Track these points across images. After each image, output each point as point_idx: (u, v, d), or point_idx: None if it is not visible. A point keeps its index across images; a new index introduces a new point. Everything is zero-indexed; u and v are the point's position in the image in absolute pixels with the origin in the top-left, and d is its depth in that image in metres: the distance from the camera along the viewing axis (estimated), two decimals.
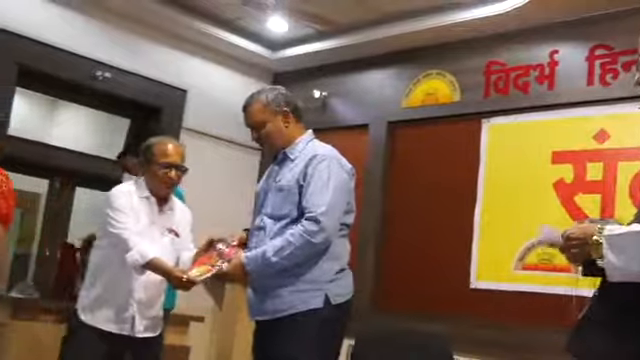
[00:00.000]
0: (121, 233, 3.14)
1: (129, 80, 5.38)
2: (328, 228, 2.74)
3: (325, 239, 2.74)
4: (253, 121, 2.97)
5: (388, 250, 5.25)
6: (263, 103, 2.95)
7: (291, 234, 2.74)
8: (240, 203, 5.91)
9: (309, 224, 2.73)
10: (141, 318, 3.25)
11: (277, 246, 2.74)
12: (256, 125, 2.97)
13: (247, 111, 2.99)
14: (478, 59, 4.97)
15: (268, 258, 2.75)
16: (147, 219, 3.26)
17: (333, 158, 2.87)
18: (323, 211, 2.73)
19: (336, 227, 2.79)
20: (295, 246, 2.72)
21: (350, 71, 5.70)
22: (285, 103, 2.97)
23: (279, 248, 2.74)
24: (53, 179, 5.58)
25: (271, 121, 2.94)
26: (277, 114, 2.94)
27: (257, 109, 2.96)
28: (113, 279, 3.22)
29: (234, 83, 5.97)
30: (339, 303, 2.80)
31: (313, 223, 2.72)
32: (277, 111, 2.95)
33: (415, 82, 5.29)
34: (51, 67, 5.03)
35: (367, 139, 5.46)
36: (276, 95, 2.98)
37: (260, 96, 2.97)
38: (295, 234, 2.73)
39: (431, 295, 4.87)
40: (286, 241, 2.73)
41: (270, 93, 2.98)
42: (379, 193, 5.30)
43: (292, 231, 2.74)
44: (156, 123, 5.53)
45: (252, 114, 2.97)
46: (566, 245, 2.00)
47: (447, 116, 5.10)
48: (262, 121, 2.95)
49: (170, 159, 3.29)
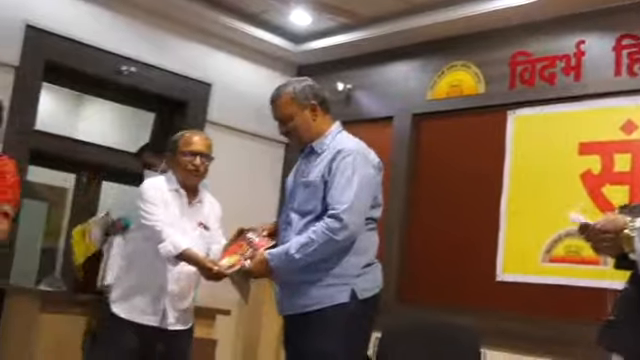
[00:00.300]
0: (154, 225, 3.19)
1: (154, 74, 5.41)
2: (351, 225, 2.72)
3: (348, 236, 2.73)
4: (280, 114, 2.96)
5: (413, 243, 5.24)
6: (290, 96, 2.93)
7: (314, 231, 2.73)
8: (265, 196, 5.95)
9: (332, 221, 2.72)
10: (172, 310, 3.29)
11: (300, 243, 2.74)
12: (283, 118, 2.95)
13: (274, 104, 2.97)
14: (503, 50, 4.93)
15: (291, 255, 2.75)
16: (178, 212, 3.30)
17: (358, 153, 2.84)
18: (346, 208, 2.72)
19: (360, 223, 2.77)
20: (318, 243, 2.72)
21: (374, 63, 5.68)
22: (313, 95, 2.94)
23: (302, 245, 2.74)
24: (80, 173, 5.64)
25: (298, 114, 2.92)
26: (304, 107, 2.92)
27: (284, 102, 2.94)
28: (145, 271, 3.26)
29: (258, 76, 5.98)
30: (366, 297, 2.79)
31: (335, 220, 2.71)
32: (304, 104, 2.92)
33: (440, 74, 5.27)
34: (77, 62, 5.07)
35: (392, 132, 5.45)
36: (303, 87, 2.95)
37: (287, 89, 2.95)
38: (318, 231, 2.72)
39: (457, 288, 4.86)
40: (309, 238, 2.73)
41: (297, 85, 2.95)
42: (404, 186, 5.29)
43: (315, 228, 2.74)
44: (181, 117, 5.56)
45: (279, 107, 2.95)
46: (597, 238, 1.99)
47: (472, 108, 5.07)
48: (289, 114, 2.93)
49: (194, 147, 3.35)
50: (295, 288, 2.83)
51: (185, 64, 5.58)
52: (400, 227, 5.23)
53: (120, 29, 5.25)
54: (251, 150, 5.96)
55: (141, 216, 3.25)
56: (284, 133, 3.00)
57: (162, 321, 3.27)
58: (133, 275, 3.29)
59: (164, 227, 3.19)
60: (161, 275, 3.26)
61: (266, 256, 2.82)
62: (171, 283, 3.28)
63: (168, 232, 3.18)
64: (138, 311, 3.25)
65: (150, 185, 3.34)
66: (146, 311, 3.25)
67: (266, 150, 6.05)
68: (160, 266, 3.23)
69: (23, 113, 4.79)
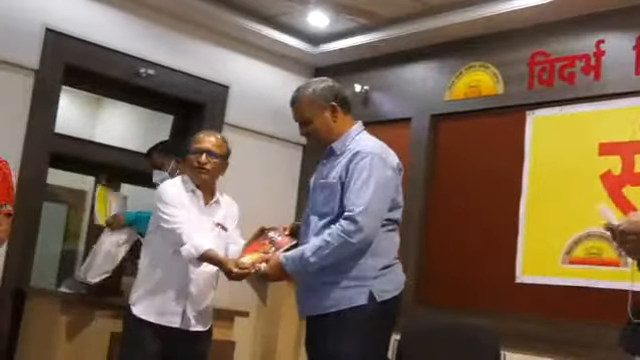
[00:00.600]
0: (174, 228, 3.22)
1: (172, 77, 5.44)
2: (366, 227, 2.71)
3: (363, 239, 2.73)
4: (301, 116, 2.96)
5: (432, 244, 5.23)
6: (310, 98, 2.93)
7: (329, 234, 2.74)
8: (282, 198, 5.96)
9: (347, 224, 2.72)
10: (192, 311, 3.31)
11: (315, 246, 2.75)
12: (304, 120, 2.96)
13: (294, 106, 2.98)
14: (522, 50, 4.91)
15: (307, 258, 2.76)
16: (196, 212, 3.32)
17: (375, 154, 2.83)
18: (361, 210, 2.71)
19: (375, 226, 2.76)
20: (333, 246, 2.72)
21: (392, 64, 5.68)
22: (333, 96, 2.94)
23: (317, 248, 2.74)
24: (99, 176, 5.67)
25: (318, 116, 2.92)
26: (324, 109, 2.92)
27: (304, 104, 2.94)
28: (165, 272, 3.29)
29: (276, 78, 6.00)
30: (385, 299, 2.79)
31: (351, 223, 2.71)
32: (324, 105, 2.92)
33: (458, 74, 5.26)
34: (96, 65, 5.11)
35: (409, 133, 5.44)
36: (323, 88, 2.95)
37: (307, 91, 2.95)
38: (333, 234, 2.72)
39: (476, 289, 4.85)
40: (324, 241, 2.73)
41: (317, 87, 2.95)
42: (422, 187, 5.29)
43: (330, 231, 2.74)
44: (199, 119, 5.59)
45: (299, 110, 2.96)
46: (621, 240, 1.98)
47: (490, 109, 5.05)
48: (310, 116, 2.93)
49: (200, 144, 3.38)
50: (314, 290, 2.83)
51: (203, 66, 5.61)
52: (418, 228, 5.22)
53: (138, 32, 5.29)
54: (269, 152, 5.98)
55: (160, 218, 3.27)
56: (305, 134, 3.01)
57: (183, 322, 3.30)
58: (153, 276, 3.32)
59: (184, 229, 3.21)
60: (181, 276, 3.28)
61: (281, 259, 2.82)
62: (191, 284, 3.30)
63: (189, 234, 3.20)
64: (159, 312, 3.28)
65: (168, 187, 3.37)
66: (166, 312, 3.28)
67: (284, 152, 6.07)
68: (180, 267, 3.26)
69: (43, 116, 4.84)
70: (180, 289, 3.28)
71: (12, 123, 4.72)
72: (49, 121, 4.90)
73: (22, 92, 4.76)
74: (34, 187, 4.77)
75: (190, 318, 3.32)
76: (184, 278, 3.29)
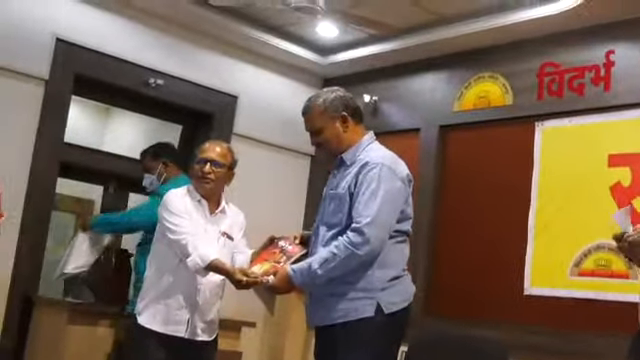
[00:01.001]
0: (179, 239, 3.21)
1: (181, 87, 5.47)
2: (373, 239, 2.71)
3: (370, 250, 2.72)
4: (311, 127, 2.98)
5: (440, 256, 5.23)
6: (321, 108, 2.94)
7: (336, 246, 2.73)
8: (290, 208, 5.97)
9: (354, 235, 2.72)
10: (198, 321, 3.31)
11: (322, 258, 2.75)
12: (314, 131, 2.97)
13: (305, 116, 2.99)
14: (531, 61, 4.92)
15: (314, 271, 2.75)
16: (200, 223, 3.33)
17: (384, 165, 2.82)
18: (368, 222, 2.71)
19: (383, 238, 2.75)
20: (340, 258, 2.72)
21: (401, 75, 5.69)
22: (344, 106, 2.95)
23: (324, 260, 2.74)
24: (107, 185, 5.70)
25: (329, 126, 2.93)
26: (335, 119, 2.93)
27: (315, 115, 2.95)
28: (170, 281, 3.29)
29: (284, 89, 6.02)
30: (393, 311, 2.78)
31: (357, 234, 2.71)
32: (335, 116, 2.93)
33: (467, 85, 5.27)
34: (105, 75, 5.15)
35: (418, 143, 5.45)
36: (334, 99, 2.96)
37: (318, 101, 2.96)
38: (340, 246, 2.72)
39: (484, 301, 4.84)
40: (331, 253, 2.73)
41: (328, 97, 2.96)
42: (431, 197, 5.29)
43: (337, 243, 2.74)
44: (207, 129, 5.61)
45: (310, 119, 2.97)
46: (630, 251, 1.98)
47: (499, 119, 5.05)
48: (320, 127, 2.94)
49: (204, 154, 3.38)
50: (322, 300, 2.84)
51: (211, 76, 5.63)
52: (427, 240, 5.22)
53: (147, 42, 5.33)
54: (277, 162, 5.99)
55: (166, 228, 3.28)
56: (315, 144, 3.02)
57: (188, 332, 3.30)
58: (159, 285, 3.32)
59: (189, 239, 3.21)
60: (187, 285, 3.29)
61: (289, 272, 2.82)
62: (197, 293, 3.31)
63: (194, 244, 3.20)
64: (164, 321, 3.28)
65: (174, 195, 3.37)
66: (171, 321, 3.28)
67: (292, 162, 6.08)
68: (186, 276, 3.26)
69: (53, 126, 4.87)
70: (186, 298, 3.29)
71: (22, 133, 4.76)
72: (59, 131, 4.93)
73: (32, 102, 4.80)
74: (44, 197, 4.79)
75: (196, 327, 3.32)
76: (190, 287, 3.29)
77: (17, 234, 4.66)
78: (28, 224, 4.69)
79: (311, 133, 3.00)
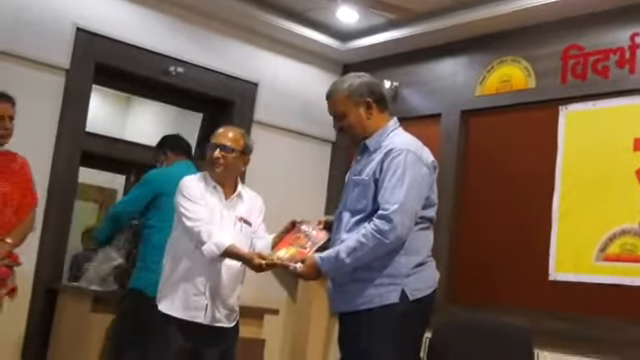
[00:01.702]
0: (194, 226, 3.23)
1: (201, 75, 5.48)
2: (400, 226, 2.71)
3: (397, 237, 2.73)
4: (335, 111, 2.98)
5: (463, 242, 5.21)
6: (345, 93, 2.94)
7: (363, 235, 2.74)
8: (311, 195, 5.97)
9: (381, 223, 2.72)
10: (216, 307, 3.32)
11: (350, 247, 2.75)
12: (338, 115, 2.97)
13: (330, 100, 2.99)
14: (554, 44, 4.86)
15: (342, 260, 2.76)
16: (216, 208, 3.33)
17: (410, 151, 2.82)
18: (396, 209, 2.71)
19: (410, 225, 2.76)
20: (368, 247, 2.72)
21: (422, 60, 5.66)
22: (368, 92, 2.95)
23: (352, 249, 2.74)
24: (129, 174, 5.73)
25: (353, 112, 2.93)
26: (359, 105, 2.93)
27: (339, 99, 2.95)
28: (188, 267, 3.30)
29: (304, 75, 6.01)
30: (418, 298, 2.79)
31: (385, 222, 2.71)
32: (359, 102, 2.93)
33: (489, 69, 5.22)
34: (126, 64, 5.16)
35: (439, 129, 5.42)
36: (360, 84, 2.95)
37: (343, 85, 2.96)
38: (367, 234, 2.73)
39: (508, 288, 4.82)
40: (358, 242, 2.74)
41: (354, 82, 2.96)
42: (453, 183, 5.26)
43: (364, 231, 2.74)
44: (228, 117, 5.61)
45: (334, 104, 2.97)
46: None
47: (523, 103, 5.01)
48: (344, 111, 2.94)
49: (214, 140, 3.38)
50: (346, 287, 2.84)
51: (231, 64, 5.63)
52: (449, 226, 5.20)
53: (167, 30, 5.33)
54: (298, 149, 5.99)
55: (181, 214, 3.29)
56: (338, 129, 3.02)
57: (207, 318, 3.31)
58: (176, 271, 3.32)
59: (202, 227, 3.22)
60: (205, 270, 3.29)
61: (317, 260, 2.82)
62: (216, 278, 3.31)
63: (209, 232, 3.21)
64: (183, 307, 3.29)
65: (189, 181, 3.38)
66: (190, 307, 3.29)
67: (313, 149, 6.08)
68: (203, 261, 3.26)
69: (74, 115, 4.90)
70: (204, 284, 3.29)
71: (44, 122, 4.79)
72: (80, 120, 4.96)
73: (53, 91, 4.82)
74: (66, 186, 4.83)
75: (215, 313, 3.32)
76: (208, 272, 3.29)
77: (40, 224, 4.69)
78: (51, 214, 4.73)
79: (334, 117, 3.00)
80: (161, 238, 3.69)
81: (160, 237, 3.80)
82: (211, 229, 3.23)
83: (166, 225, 3.59)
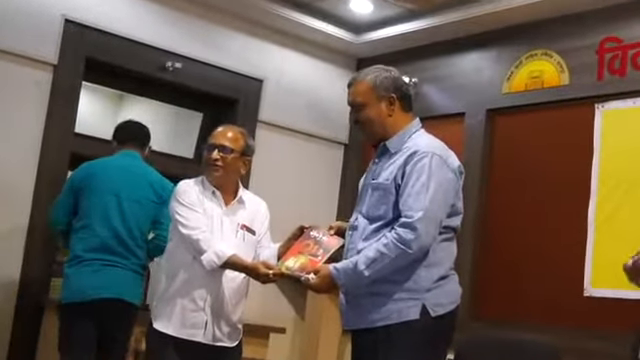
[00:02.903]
0: (191, 234, 3.23)
1: (201, 71, 5.49)
2: (425, 235, 2.72)
3: (421, 247, 2.73)
4: (354, 100, 2.99)
5: (488, 253, 5.20)
6: (370, 84, 2.95)
7: (384, 245, 2.73)
8: (322, 202, 5.97)
9: (404, 232, 2.72)
10: (217, 324, 3.31)
11: (369, 258, 2.75)
12: (357, 105, 2.98)
13: (351, 88, 3.01)
14: (590, 36, 4.85)
15: (360, 272, 2.75)
16: (215, 215, 3.33)
17: (435, 155, 2.83)
18: (420, 217, 2.71)
19: (435, 234, 2.76)
20: (390, 258, 2.72)
21: (443, 54, 5.66)
22: (394, 88, 2.97)
23: (372, 260, 2.74)
24: None
25: (374, 105, 2.94)
26: (382, 99, 2.94)
27: (362, 89, 2.96)
28: (185, 280, 3.29)
29: (314, 71, 6.02)
30: (440, 314, 2.78)
31: (409, 231, 2.71)
32: (383, 96, 2.94)
33: (517, 64, 5.22)
34: (118, 59, 5.19)
35: (463, 129, 5.42)
36: (386, 78, 2.98)
37: (368, 76, 2.98)
38: (389, 244, 2.72)
39: (539, 303, 4.80)
40: (379, 253, 2.73)
41: (381, 75, 2.98)
42: (477, 189, 5.26)
43: (385, 240, 2.74)
44: (230, 117, 5.62)
45: (355, 93, 2.98)
46: None
47: (555, 101, 5.01)
48: (364, 103, 2.95)
49: (212, 140, 3.39)
50: (360, 301, 2.83)
51: (235, 59, 5.65)
52: (473, 236, 5.19)
53: (164, 22, 5.35)
54: (307, 152, 6.00)
55: (177, 221, 3.29)
56: (355, 121, 3.03)
57: (207, 336, 3.30)
58: (173, 286, 3.32)
59: (200, 235, 3.22)
60: (204, 283, 3.28)
61: (332, 271, 2.81)
62: (216, 292, 3.31)
63: (207, 240, 3.21)
64: (180, 324, 3.29)
65: (186, 186, 3.37)
66: (188, 324, 3.28)
67: (324, 152, 6.08)
68: (202, 274, 3.26)
69: (62, 115, 4.92)
70: (203, 298, 3.28)
71: (29, 123, 4.81)
72: (69, 120, 4.98)
73: (40, 89, 4.85)
74: (54, 191, 4.81)
75: (216, 331, 3.32)
76: (208, 286, 3.29)
77: (25, 233, 4.71)
78: (37, 220, 4.74)
79: (353, 107, 3.01)
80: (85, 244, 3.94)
81: (83, 245, 3.99)
82: (210, 237, 3.23)
83: (90, 227, 3.92)
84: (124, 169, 4.18)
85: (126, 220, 4.08)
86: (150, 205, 4.15)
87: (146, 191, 4.15)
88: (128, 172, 4.17)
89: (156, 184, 4.21)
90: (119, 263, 4.03)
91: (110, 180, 4.12)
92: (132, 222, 4.09)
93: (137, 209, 4.12)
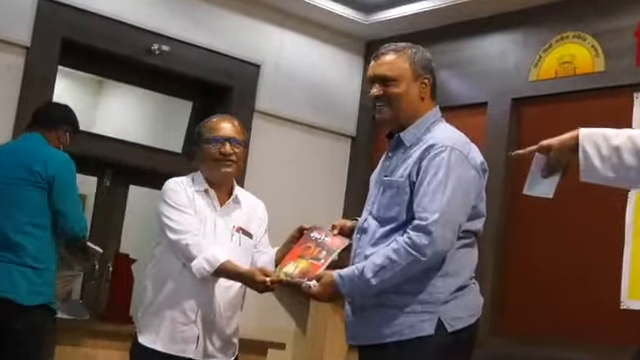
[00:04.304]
0: (180, 239, 3.24)
1: (191, 54, 5.51)
2: (441, 240, 2.70)
3: (436, 254, 2.72)
4: (384, 73, 2.93)
5: (512, 259, 5.21)
6: (410, 58, 2.93)
7: (394, 250, 2.72)
8: (325, 201, 5.98)
9: (417, 236, 2.71)
10: (210, 338, 3.33)
11: (377, 265, 2.74)
12: (387, 78, 2.92)
13: (384, 58, 2.95)
14: (627, 17, 4.86)
15: (367, 280, 2.75)
16: (208, 217, 3.34)
17: (455, 149, 2.81)
18: (435, 219, 2.70)
19: (452, 239, 2.75)
20: (401, 266, 2.71)
21: (463, 37, 5.68)
22: (430, 70, 2.96)
23: (380, 268, 2.73)
24: (102, 176, 5.75)
25: (408, 83, 2.91)
26: (418, 78, 2.93)
27: (399, 60, 2.93)
28: (174, 291, 3.30)
29: (318, 55, 6.03)
30: (457, 329, 2.78)
31: (422, 235, 2.70)
32: (420, 75, 2.93)
33: (546, 48, 5.23)
34: (98, 40, 5.20)
35: (485, 121, 5.43)
36: (425, 57, 2.97)
37: (409, 49, 2.95)
38: (400, 250, 2.71)
39: (569, 317, 4.81)
40: (388, 259, 2.73)
41: (422, 53, 2.97)
42: (501, 188, 5.25)
43: (396, 246, 2.73)
44: (224, 106, 5.64)
45: (390, 64, 2.93)
46: None
47: (588, 90, 5.01)
48: (398, 77, 2.91)
49: (219, 132, 3.38)
50: (369, 313, 2.83)
51: (229, 41, 5.66)
52: (496, 241, 5.20)
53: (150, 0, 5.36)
54: (309, 145, 6.01)
55: (164, 225, 3.29)
56: (377, 97, 2.95)
57: (198, 351, 3.31)
58: (160, 296, 3.32)
59: (191, 240, 3.23)
60: (195, 294, 3.29)
61: (336, 278, 2.81)
62: (208, 304, 3.32)
63: (198, 245, 3.22)
64: (169, 339, 3.29)
65: (174, 184, 3.37)
66: (178, 339, 3.29)
67: (328, 145, 6.09)
68: (193, 283, 3.26)
69: (36, 103, 4.91)
70: (194, 310, 3.29)
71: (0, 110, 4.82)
72: None
73: (11, 74, 4.86)
74: None
75: (207, 347, 3.33)
76: (198, 296, 3.30)
77: None
78: None
79: (381, 80, 2.94)
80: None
81: None
82: (202, 242, 3.24)
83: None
84: (6, 152, 4.18)
85: (4, 205, 4.04)
86: (26, 187, 4.07)
87: (19, 171, 4.08)
88: (6, 154, 4.17)
89: (36, 163, 4.09)
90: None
91: None
92: (11, 207, 4.04)
93: (15, 191, 4.06)
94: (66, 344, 4.44)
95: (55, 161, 4.11)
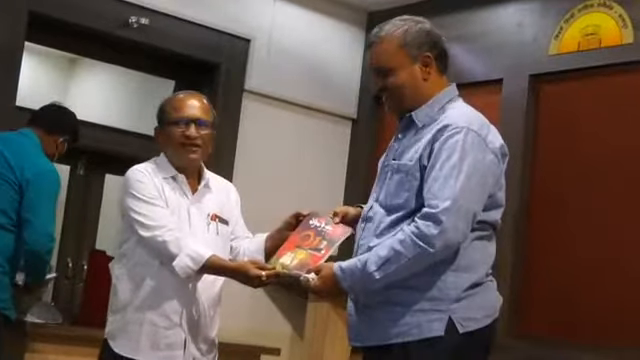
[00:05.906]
0: (155, 236, 3.21)
1: (173, 28, 5.50)
2: (452, 230, 2.70)
3: (447, 246, 2.72)
4: (379, 64, 2.96)
5: (531, 253, 5.22)
6: (399, 42, 2.92)
7: (401, 241, 2.73)
8: (324, 187, 5.98)
9: (426, 226, 2.71)
10: (195, 341, 3.33)
11: (382, 257, 2.75)
12: (383, 70, 2.95)
13: (375, 48, 2.97)
14: None
15: (370, 273, 2.76)
16: (181, 206, 3.33)
17: (471, 131, 2.80)
18: (447, 207, 2.70)
19: (465, 230, 2.75)
20: (407, 259, 2.72)
21: (476, 6, 5.68)
22: (429, 45, 2.94)
23: (385, 260, 2.74)
24: (75, 164, 5.76)
25: (406, 68, 2.91)
26: (416, 60, 2.92)
27: (389, 49, 2.93)
28: (153, 291, 3.29)
29: (314, 29, 6.03)
30: (470, 330, 2.78)
31: (432, 224, 2.70)
32: (417, 55, 2.92)
33: (568, 18, 5.22)
34: (69, 13, 5.19)
35: (500, 100, 5.44)
36: (419, 32, 2.94)
37: (396, 31, 2.93)
38: (406, 241, 2.72)
39: (595, 317, 4.82)
40: (393, 251, 2.73)
41: (412, 28, 2.94)
42: (518, 173, 5.26)
43: (402, 237, 2.74)
44: (210, 85, 5.65)
45: (380, 54, 2.95)
46: None
47: (615, 65, 5.01)
48: (393, 66, 2.92)
49: (183, 112, 3.36)
50: (373, 312, 2.84)
51: (215, 13, 5.65)
52: (514, 232, 5.21)
53: None
54: (305, 128, 6.02)
55: (133, 220, 3.26)
56: (380, 90, 2.98)
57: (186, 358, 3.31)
58: (135, 299, 3.29)
59: (168, 236, 3.20)
60: (177, 294, 3.29)
61: (336, 271, 2.82)
62: (191, 304, 3.32)
63: (177, 241, 3.19)
64: (152, 346, 3.28)
65: (139, 173, 3.32)
66: (163, 346, 3.28)
67: (326, 127, 6.10)
68: (172, 282, 3.24)
69: (1, 83, 4.93)
70: (178, 312, 3.27)
71: None
72: (9, 91, 5.00)
73: None
74: None
75: (193, 351, 3.33)
76: (181, 296, 3.28)
77: None
78: None
79: (377, 72, 2.97)
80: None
81: None
82: (180, 237, 3.22)
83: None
84: None
85: None
86: (3, 183, 4.17)
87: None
88: None
89: (17, 163, 4.19)
90: None
91: None
92: None
93: None
94: (36, 351, 4.45)
95: (36, 167, 4.20)
